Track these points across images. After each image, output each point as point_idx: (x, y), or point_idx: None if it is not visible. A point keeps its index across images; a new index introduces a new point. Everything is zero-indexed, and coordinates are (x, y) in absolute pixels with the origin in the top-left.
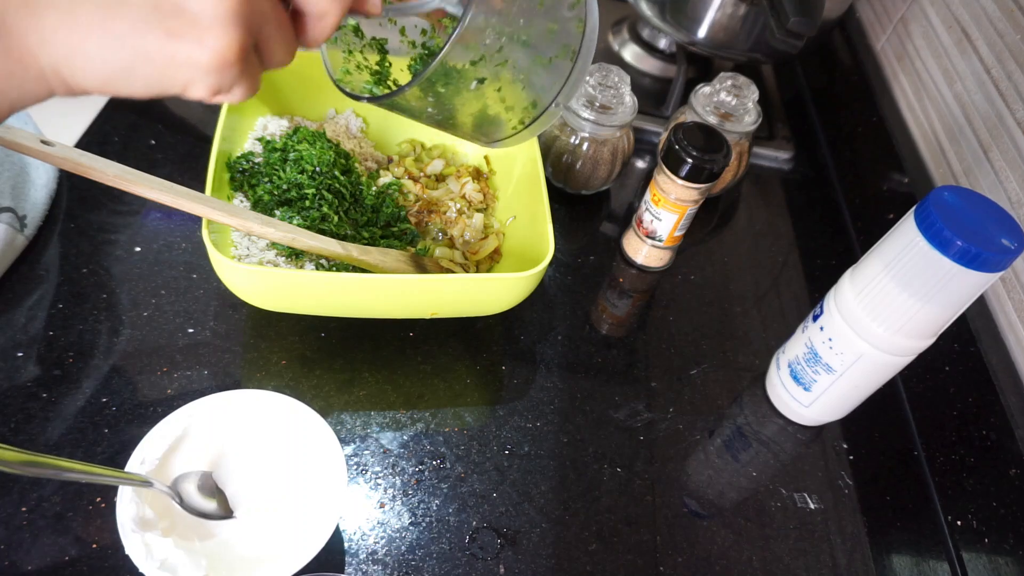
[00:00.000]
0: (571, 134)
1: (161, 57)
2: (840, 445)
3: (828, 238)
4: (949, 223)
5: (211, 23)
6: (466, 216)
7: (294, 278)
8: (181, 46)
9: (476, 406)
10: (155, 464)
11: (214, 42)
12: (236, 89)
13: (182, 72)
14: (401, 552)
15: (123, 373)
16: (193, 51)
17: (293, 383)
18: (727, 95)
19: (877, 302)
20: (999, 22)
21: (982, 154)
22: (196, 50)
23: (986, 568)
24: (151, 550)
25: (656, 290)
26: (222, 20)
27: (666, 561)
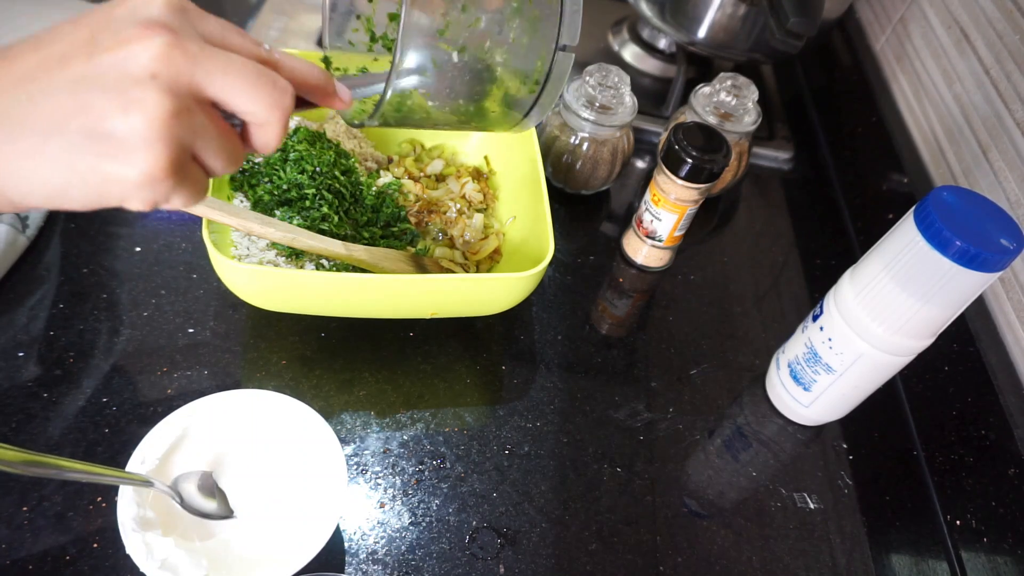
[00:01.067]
0: (571, 134)
1: (95, 177)
2: (840, 445)
3: (828, 238)
4: (948, 223)
5: (138, 144)
6: (466, 216)
7: (294, 278)
8: (112, 167)
9: (476, 406)
10: (155, 464)
11: (142, 162)
12: (175, 198)
13: (116, 189)
14: (401, 552)
15: (123, 373)
16: (123, 170)
17: (293, 383)
18: (727, 95)
19: (877, 302)
20: (998, 23)
21: (981, 154)
22: (126, 169)
23: (985, 567)
24: (151, 550)
25: (656, 290)
26: (149, 141)
27: (666, 561)
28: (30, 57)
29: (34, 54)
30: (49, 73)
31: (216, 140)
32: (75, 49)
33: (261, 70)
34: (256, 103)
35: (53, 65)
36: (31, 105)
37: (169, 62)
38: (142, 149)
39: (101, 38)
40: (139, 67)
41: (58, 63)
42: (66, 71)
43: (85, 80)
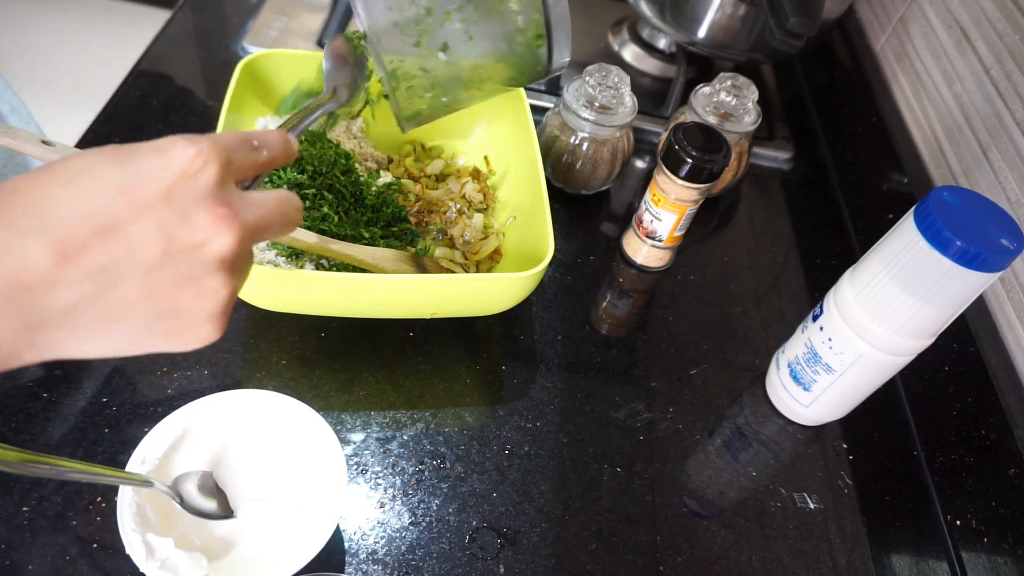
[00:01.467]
0: (571, 134)
1: (157, 347)
2: (840, 445)
3: (828, 238)
4: (949, 223)
5: (206, 321)
6: (466, 216)
7: (294, 278)
8: (176, 340)
9: (476, 406)
10: (155, 464)
11: (205, 335)
12: None
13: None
14: (401, 552)
15: (123, 373)
16: (187, 341)
17: (293, 383)
18: (727, 95)
19: (877, 302)
20: (998, 23)
21: (981, 154)
22: (189, 342)
23: (985, 567)
24: (151, 550)
25: (656, 290)
26: (215, 318)
27: (666, 561)
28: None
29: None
30: (114, 259)
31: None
32: (140, 234)
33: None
34: (286, 229)
35: (118, 248)
36: (96, 294)
37: (238, 246)
38: (208, 324)
39: (167, 224)
40: (213, 258)
41: (125, 249)
42: (134, 258)
43: (155, 269)
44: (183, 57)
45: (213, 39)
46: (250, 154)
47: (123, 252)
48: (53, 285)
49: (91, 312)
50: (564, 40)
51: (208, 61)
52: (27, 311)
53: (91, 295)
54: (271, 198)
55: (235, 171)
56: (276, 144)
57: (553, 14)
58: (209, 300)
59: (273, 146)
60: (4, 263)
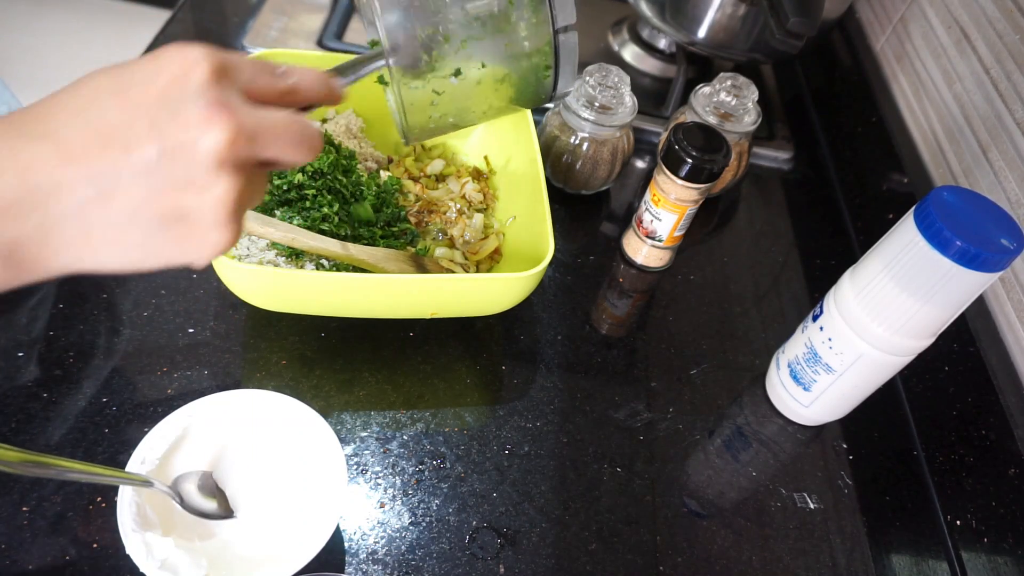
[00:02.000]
0: (571, 134)
1: (168, 253)
2: (840, 445)
3: (828, 238)
4: (949, 223)
5: (212, 225)
6: (466, 216)
7: (294, 278)
8: (186, 245)
9: (476, 406)
10: (155, 464)
11: (215, 239)
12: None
13: (187, 260)
14: (401, 552)
15: (123, 373)
16: (196, 248)
17: (293, 383)
18: (727, 95)
19: (877, 302)
20: (998, 23)
21: (981, 154)
22: (199, 247)
23: (985, 567)
24: (151, 550)
25: (656, 290)
26: (221, 222)
27: (666, 561)
28: (80, 135)
29: (84, 131)
30: (112, 160)
31: (261, 190)
32: (134, 132)
33: (302, 127)
34: (298, 155)
35: (115, 150)
36: (102, 199)
37: (232, 147)
38: (215, 229)
39: (160, 121)
40: (207, 156)
41: (120, 148)
42: (131, 159)
43: (154, 169)
44: None
45: (213, 39)
46: (266, 76)
47: (120, 154)
48: (59, 186)
49: (98, 215)
50: (570, 72)
51: None
52: (39, 211)
53: (95, 198)
54: (280, 114)
55: (243, 83)
56: (308, 77)
57: (563, 48)
58: (210, 201)
59: (304, 77)
60: (14, 166)
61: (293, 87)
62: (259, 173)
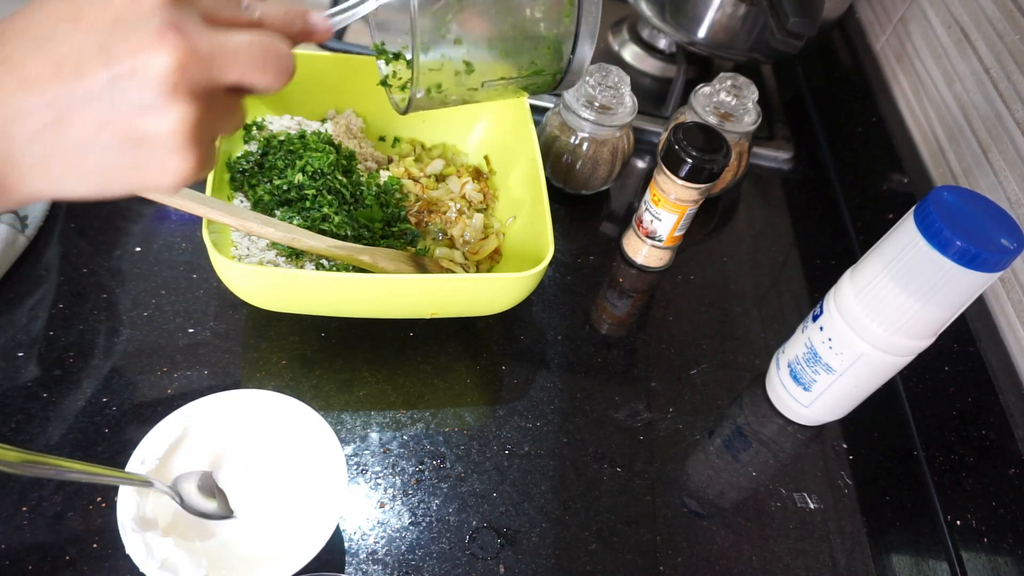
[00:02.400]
0: (571, 134)
1: (132, 179)
2: (840, 445)
3: (828, 238)
4: (949, 223)
5: (171, 152)
6: (466, 216)
7: (294, 278)
8: (149, 171)
9: (476, 406)
10: (155, 464)
11: (176, 165)
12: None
13: (153, 185)
14: (401, 552)
15: (123, 373)
16: (159, 174)
17: (293, 383)
18: (727, 95)
19: (877, 302)
20: (998, 23)
21: (981, 154)
22: (162, 173)
23: (985, 567)
24: (151, 550)
25: (656, 290)
26: (180, 148)
27: (666, 561)
28: (37, 64)
29: (41, 59)
30: (68, 87)
31: (230, 115)
32: (87, 58)
33: (265, 46)
34: (266, 78)
35: (70, 77)
36: (60, 124)
37: (185, 70)
38: (175, 155)
39: (111, 46)
40: (159, 79)
41: (74, 75)
42: (85, 84)
43: (107, 94)
44: None
45: None
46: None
47: (74, 79)
48: (16, 113)
49: (56, 140)
50: (590, 36)
51: None
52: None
53: (52, 123)
54: (243, 35)
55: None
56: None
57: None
58: (165, 125)
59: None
60: None
61: (259, 20)
62: (227, 98)
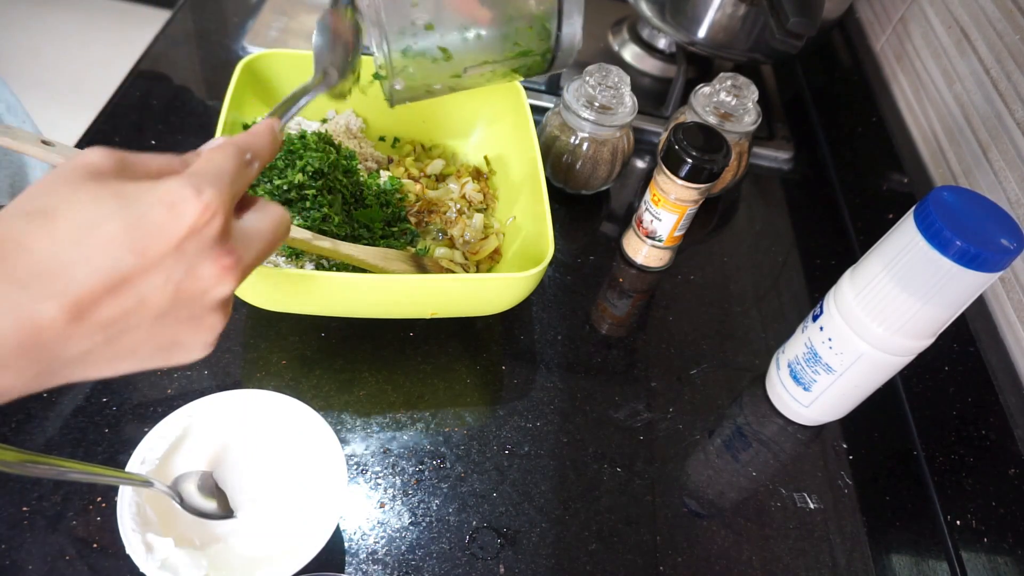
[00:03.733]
0: (571, 134)
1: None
2: (840, 445)
3: (828, 238)
4: (948, 223)
5: (201, 346)
6: (466, 216)
7: (294, 278)
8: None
9: (476, 406)
10: (155, 464)
11: (202, 353)
12: None
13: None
14: (401, 552)
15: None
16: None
17: (293, 383)
18: (727, 95)
19: (877, 302)
20: (998, 23)
21: (981, 154)
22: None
23: (985, 567)
24: (151, 550)
25: (656, 290)
26: (211, 342)
27: (666, 561)
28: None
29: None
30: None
31: None
32: (151, 288)
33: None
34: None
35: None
36: (108, 342)
37: (235, 285)
38: (203, 348)
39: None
40: (214, 303)
41: (135, 303)
42: (143, 312)
43: (164, 319)
44: (183, 57)
45: (213, 39)
46: (245, 174)
47: (134, 306)
48: (67, 339)
49: (101, 355)
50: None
51: (208, 61)
52: (41, 363)
53: (102, 344)
54: (267, 228)
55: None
56: (264, 148)
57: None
58: (206, 332)
59: (261, 150)
60: (20, 323)
61: (258, 168)
62: None
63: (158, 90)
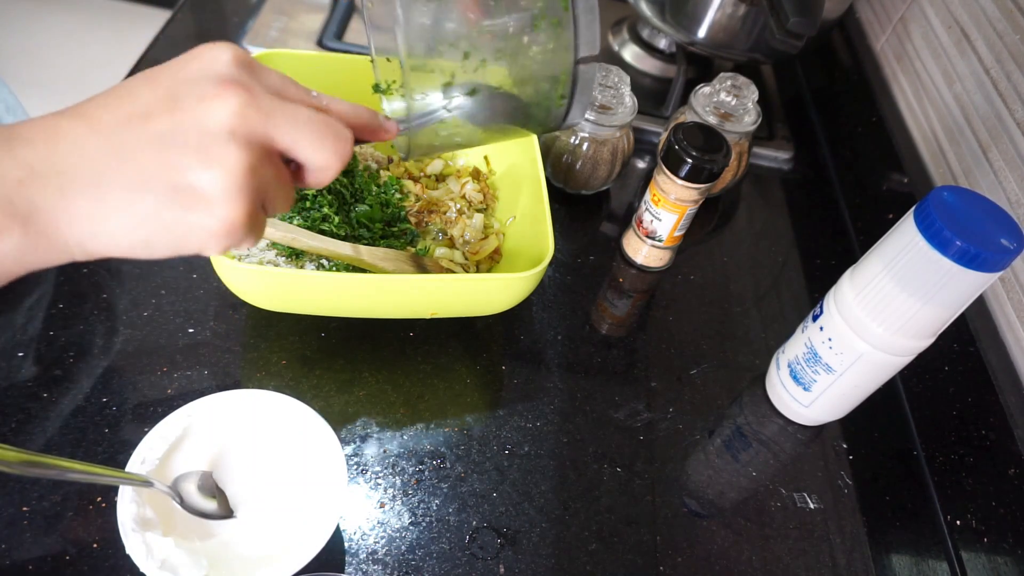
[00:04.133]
0: (571, 134)
1: (179, 228)
2: (840, 445)
3: (828, 238)
4: (948, 223)
5: (220, 197)
6: (466, 216)
7: (294, 278)
8: (196, 218)
9: (476, 406)
10: (155, 464)
11: (223, 213)
12: (245, 243)
13: (197, 238)
14: (401, 552)
15: (123, 373)
16: (206, 222)
17: (293, 383)
18: (727, 95)
19: (876, 302)
20: (998, 23)
21: (981, 154)
22: (208, 221)
23: (985, 567)
24: (151, 550)
25: (656, 290)
26: (229, 193)
27: (666, 561)
28: (111, 114)
29: (116, 111)
30: (133, 130)
31: (282, 188)
32: (156, 106)
33: (326, 121)
34: (321, 152)
35: (136, 122)
36: (119, 162)
37: (245, 119)
38: (223, 202)
39: (180, 95)
40: (218, 124)
41: (141, 120)
42: (149, 128)
43: (168, 137)
44: None
45: (213, 39)
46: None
47: (140, 124)
48: (83, 151)
49: (113, 178)
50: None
51: None
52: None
53: (113, 162)
54: (304, 110)
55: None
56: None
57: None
58: (219, 171)
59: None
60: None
61: (326, 107)
62: (280, 166)
63: None
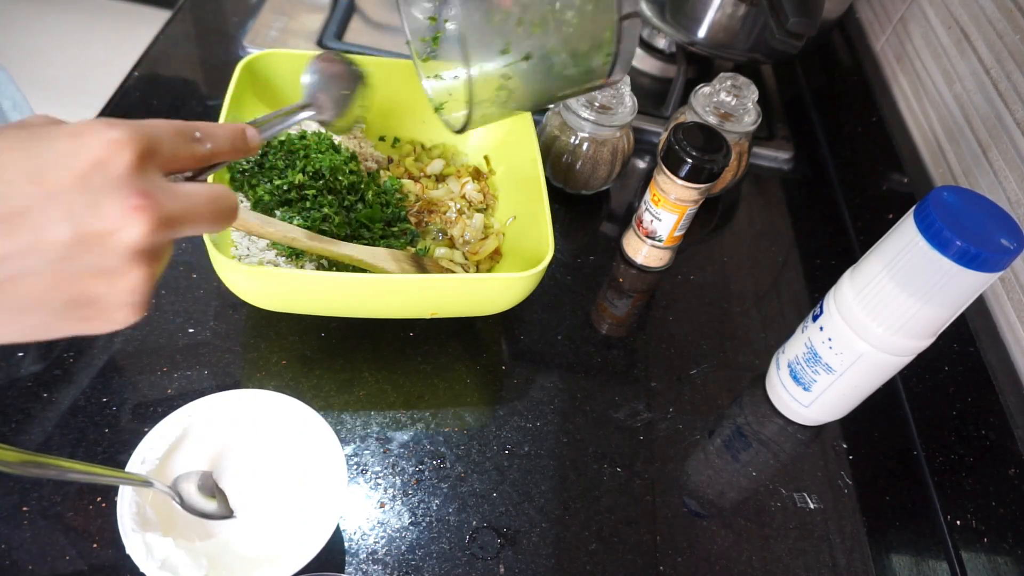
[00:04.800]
0: (571, 134)
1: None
2: (840, 445)
3: (828, 238)
4: (948, 223)
5: (121, 307)
6: (466, 216)
7: (294, 278)
8: (93, 325)
9: (476, 406)
10: (155, 464)
11: (123, 318)
12: None
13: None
14: (401, 552)
15: (123, 373)
16: (104, 327)
17: (293, 383)
18: (727, 95)
19: (876, 302)
20: (998, 23)
21: (981, 154)
22: (107, 326)
23: (985, 567)
24: (151, 550)
25: (656, 290)
26: (132, 303)
27: (666, 561)
28: None
29: None
30: (22, 247)
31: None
32: (50, 220)
33: (220, 200)
34: (216, 226)
35: (25, 236)
36: (9, 283)
37: (151, 237)
38: (122, 310)
39: (77, 211)
40: (125, 247)
41: (32, 235)
42: (42, 246)
43: (65, 258)
44: (183, 57)
45: (213, 39)
46: (187, 145)
47: (31, 240)
48: None
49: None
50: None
51: (208, 61)
52: None
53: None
54: (203, 192)
55: (165, 160)
56: (222, 137)
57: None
58: (123, 289)
59: (217, 137)
60: None
61: (212, 152)
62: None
63: (158, 90)
